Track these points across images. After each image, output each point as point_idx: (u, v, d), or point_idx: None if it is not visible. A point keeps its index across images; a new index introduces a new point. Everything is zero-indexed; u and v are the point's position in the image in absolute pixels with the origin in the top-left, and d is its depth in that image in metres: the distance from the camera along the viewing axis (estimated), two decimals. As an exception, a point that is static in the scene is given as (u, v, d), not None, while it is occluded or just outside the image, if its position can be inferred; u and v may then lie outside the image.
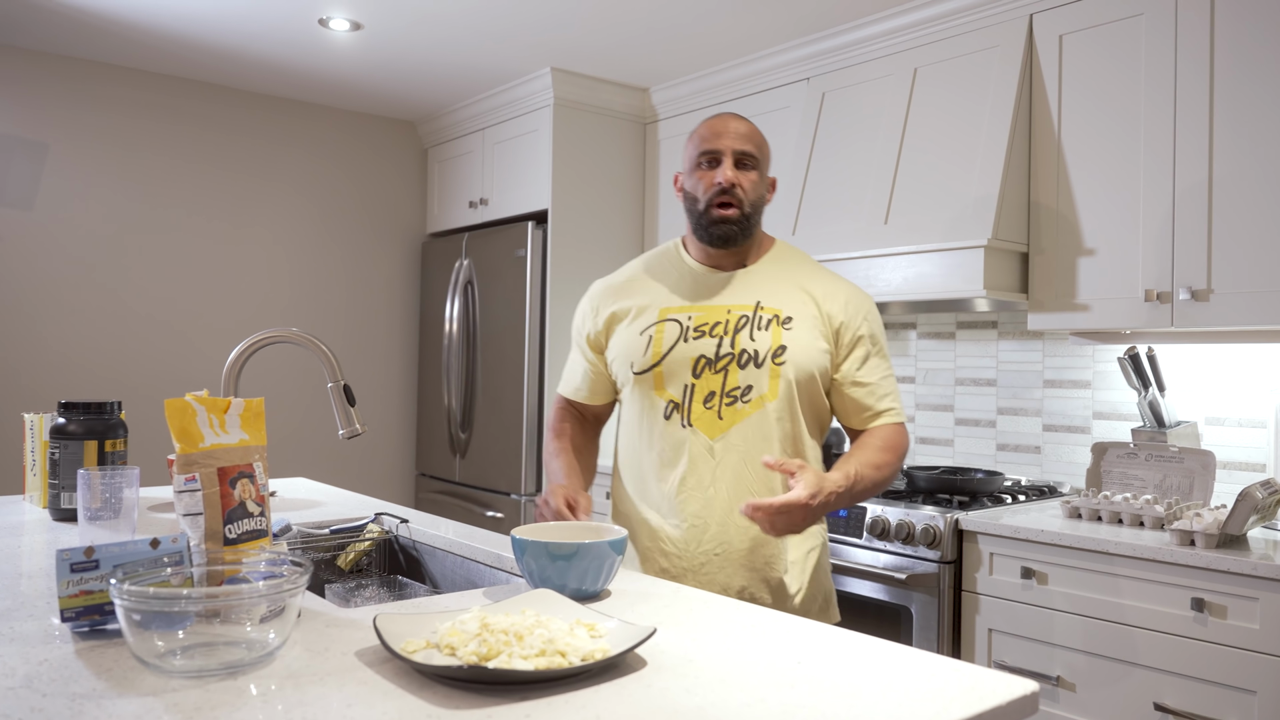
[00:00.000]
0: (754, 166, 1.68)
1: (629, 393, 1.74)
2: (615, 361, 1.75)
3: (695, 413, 1.66)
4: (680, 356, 1.67)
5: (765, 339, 1.64)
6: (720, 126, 1.68)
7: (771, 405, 1.63)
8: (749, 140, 1.67)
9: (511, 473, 3.87)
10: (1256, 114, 2.28)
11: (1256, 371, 2.53)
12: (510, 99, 3.97)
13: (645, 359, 1.69)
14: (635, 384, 1.71)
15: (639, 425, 1.72)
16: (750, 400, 1.63)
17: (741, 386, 1.64)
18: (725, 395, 1.64)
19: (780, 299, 1.68)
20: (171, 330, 3.97)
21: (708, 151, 1.68)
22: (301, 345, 1.89)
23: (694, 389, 1.66)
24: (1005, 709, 0.97)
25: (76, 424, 1.90)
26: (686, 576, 1.65)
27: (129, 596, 0.97)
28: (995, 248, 2.58)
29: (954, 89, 2.84)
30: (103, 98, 3.80)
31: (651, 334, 1.70)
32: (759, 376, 1.63)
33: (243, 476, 1.22)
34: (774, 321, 1.65)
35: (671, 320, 1.69)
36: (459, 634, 1.04)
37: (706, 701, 0.95)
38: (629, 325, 1.73)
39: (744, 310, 1.67)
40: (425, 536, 1.92)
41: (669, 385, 1.68)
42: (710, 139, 1.68)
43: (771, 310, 1.67)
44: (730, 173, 1.65)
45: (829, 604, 1.74)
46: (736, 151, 1.66)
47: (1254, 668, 1.95)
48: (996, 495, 2.65)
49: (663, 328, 1.69)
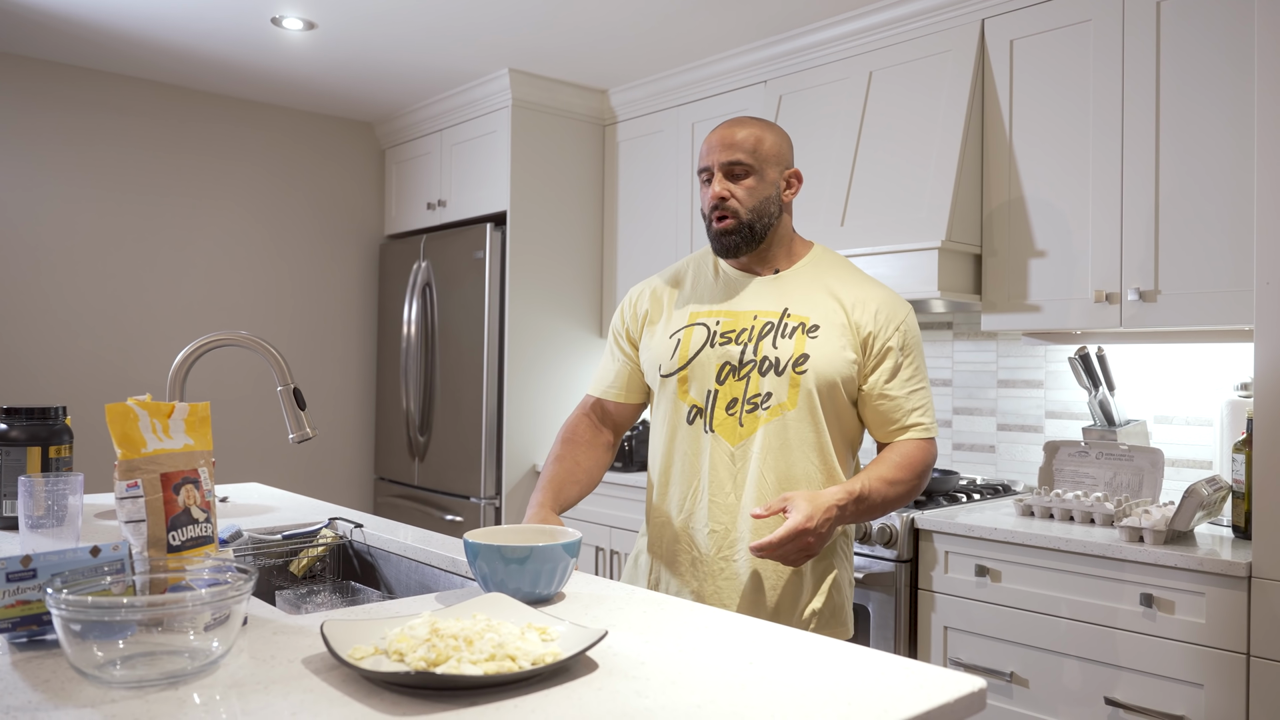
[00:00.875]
0: (748, 173, 1.66)
1: (657, 396, 1.74)
2: (646, 363, 1.76)
3: (718, 419, 1.65)
4: (705, 361, 1.67)
5: (788, 347, 1.63)
6: (713, 139, 1.68)
7: (791, 414, 1.62)
8: (738, 148, 1.66)
9: (471, 476, 3.84)
10: (1201, 118, 2.32)
11: (1204, 371, 2.58)
12: (468, 100, 3.95)
13: (672, 362, 1.70)
14: (662, 387, 1.72)
15: (665, 429, 1.72)
16: (769, 408, 1.62)
17: (762, 394, 1.63)
18: (746, 402, 1.64)
19: (809, 306, 1.67)
20: (121, 334, 3.89)
21: (703, 170, 1.69)
22: (250, 349, 1.86)
23: (717, 395, 1.66)
24: (953, 706, 0.98)
25: (19, 429, 1.85)
26: (708, 581, 1.66)
27: (67, 606, 0.95)
28: (949, 249, 2.61)
29: (909, 92, 2.87)
30: (49, 96, 3.72)
31: (680, 337, 1.70)
32: (779, 384, 1.62)
33: (187, 482, 1.20)
34: (799, 329, 1.64)
35: (700, 324, 1.70)
36: (408, 640, 1.02)
37: (656, 704, 0.95)
38: (661, 327, 1.74)
39: (770, 317, 1.67)
40: (380, 541, 1.90)
41: (693, 390, 1.68)
42: (703, 155, 1.69)
43: (798, 318, 1.65)
44: (718, 186, 1.66)
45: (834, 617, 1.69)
46: (724, 164, 1.66)
47: (1201, 661, 1.99)
48: (952, 494, 2.67)
49: (691, 331, 1.70)
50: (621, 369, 1.81)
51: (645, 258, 3.79)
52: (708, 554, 1.66)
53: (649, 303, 1.79)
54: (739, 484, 1.64)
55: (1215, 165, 2.30)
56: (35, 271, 3.70)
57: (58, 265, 3.75)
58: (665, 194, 3.72)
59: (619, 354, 1.82)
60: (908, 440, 1.66)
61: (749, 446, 1.63)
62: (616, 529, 3.42)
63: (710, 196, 1.66)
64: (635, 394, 1.81)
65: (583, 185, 3.99)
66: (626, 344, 1.81)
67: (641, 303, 1.80)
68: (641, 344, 1.78)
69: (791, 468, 1.62)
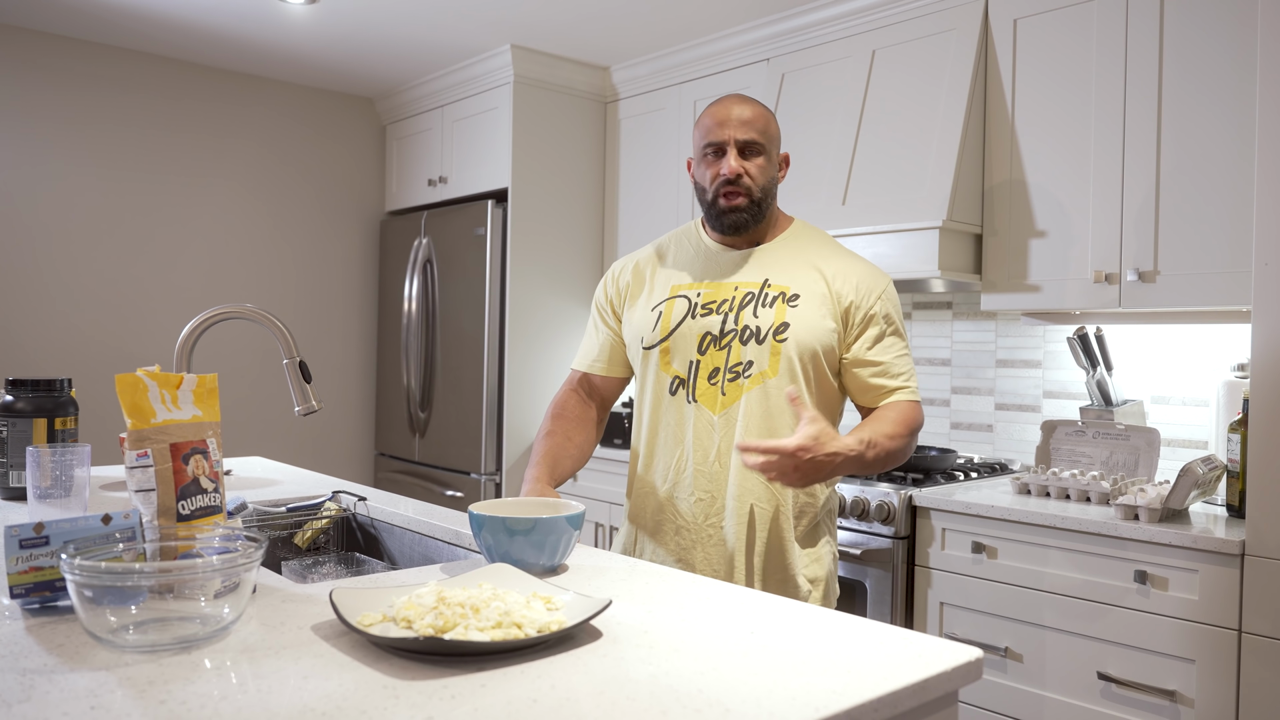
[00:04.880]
0: (760, 152, 1.67)
1: (640, 369, 1.76)
2: (628, 336, 1.78)
3: (700, 389, 1.68)
4: (687, 333, 1.69)
5: (769, 316, 1.65)
6: (723, 115, 1.67)
7: (772, 382, 1.64)
8: (752, 126, 1.66)
9: (471, 452, 3.86)
10: (1202, 99, 2.33)
11: (1201, 352, 2.60)
12: (470, 76, 3.94)
13: (654, 334, 1.72)
14: (645, 359, 1.74)
15: (648, 401, 1.74)
16: (751, 376, 1.65)
17: (743, 362, 1.65)
18: (728, 371, 1.66)
19: (789, 277, 1.68)
20: (124, 307, 3.90)
21: (712, 143, 1.67)
22: (256, 321, 1.87)
23: (699, 365, 1.68)
24: (950, 675, 1.00)
25: (25, 401, 1.86)
26: (695, 549, 1.68)
27: (81, 571, 0.97)
28: (950, 229, 2.61)
29: (911, 71, 2.86)
30: (50, 70, 3.71)
31: (661, 310, 1.72)
32: (760, 353, 1.64)
33: (196, 453, 1.22)
34: (780, 299, 1.66)
35: (681, 297, 1.72)
36: (415, 607, 1.04)
37: (660, 670, 0.97)
38: (643, 300, 1.77)
39: (750, 287, 1.68)
40: (383, 514, 1.92)
41: (675, 361, 1.70)
42: (714, 129, 1.67)
43: (778, 288, 1.67)
44: (735, 163, 1.65)
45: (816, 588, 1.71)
46: (740, 140, 1.65)
47: (1193, 637, 2.01)
48: (949, 472, 2.70)
49: (672, 304, 1.72)
50: (605, 342, 1.83)
51: (646, 235, 3.80)
52: (693, 522, 1.68)
53: (631, 276, 1.81)
54: (722, 452, 1.67)
55: (1215, 147, 2.30)
56: (34, 248, 3.70)
57: (58, 242, 3.75)
58: (666, 172, 3.72)
59: (603, 327, 1.84)
60: (899, 401, 1.66)
61: (732, 415, 1.66)
62: (615, 505, 3.45)
63: (725, 172, 1.65)
64: (619, 367, 1.84)
65: (584, 162, 3.99)
66: (611, 318, 1.83)
67: (624, 276, 1.82)
68: (624, 317, 1.80)
69: (775, 434, 1.64)
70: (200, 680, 0.91)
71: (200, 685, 0.89)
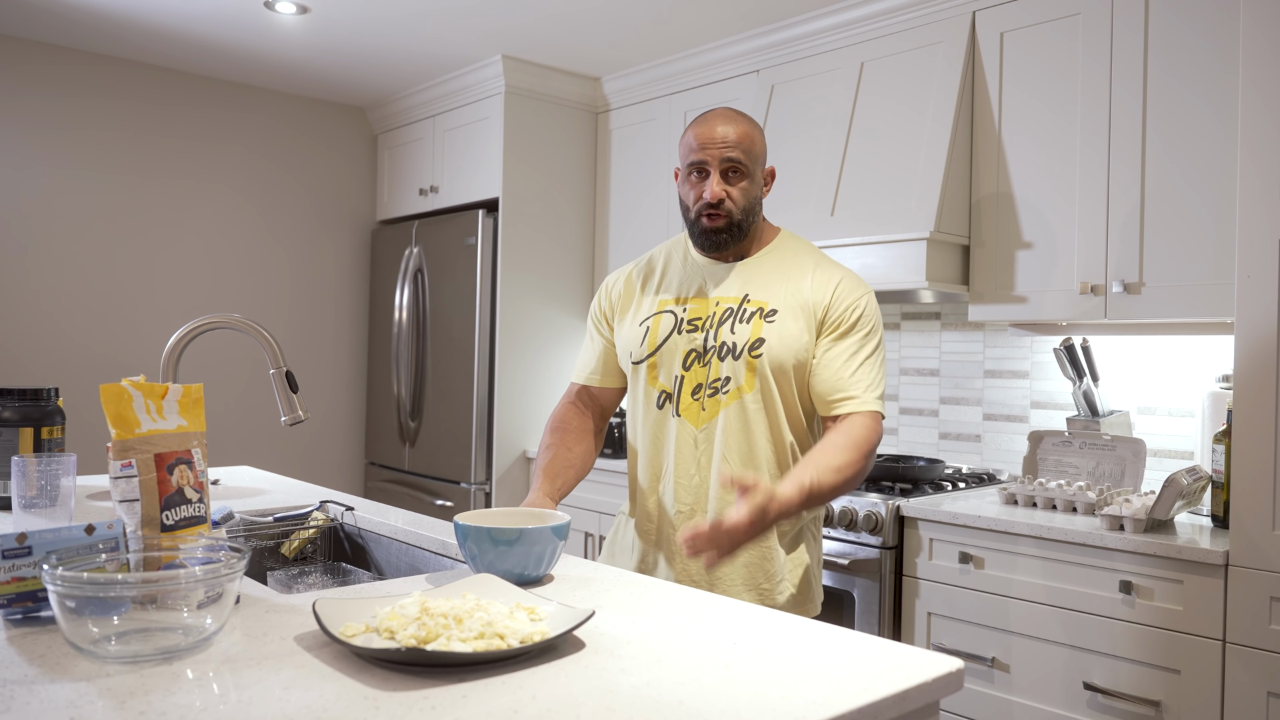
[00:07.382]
0: (745, 174, 1.67)
1: (631, 382, 1.79)
2: (619, 350, 1.81)
3: (684, 403, 1.70)
4: (673, 348, 1.71)
5: (745, 332, 1.67)
6: (707, 135, 1.66)
7: (749, 397, 1.66)
8: (736, 146, 1.65)
9: (461, 461, 3.86)
10: (1187, 113, 2.35)
11: (1186, 363, 2.61)
12: (461, 86, 3.95)
13: (642, 349, 1.74)
14: (634, 374, 1.77)
15: (638, 414, 1.77)
16: (729, 391, 1.67)
17: (721, 378, 1.68)
18: (708, 387, 1.68)
19: (769, 291, 1.69)
20: (113, 315, 3.89)
21: (695, 163, 1.68)
22: (243, 331, 1.87)
23: (683, 380, 1.70)
24: (931, 685, 1.01)
25: (11, 410, 1.86)
26: (676, 561, 1.70)
27: (63, 582, 0.97)
28: (938, 240, 2.63)
29: (900, 83, 2.88)
30: (40, 78, 3.71)
31: (649, 325, 1.75)
32: (737, 369, 1.66)
33: (180, 463, 1.22)
34: (757, 315, 1.68)
35: (668, 312, 1.74)
36: (399, 618, 1.04)
37: (642, 681, 0.97)
38: (631, 314, 1.79)
39: (730, 303, 1.70)
40: (370, 524, 1.92)
41: (662, 376, 1.73)
42: (698, 150, 1.67)
43: (757, 303, 1.69)
44: (717, 187, 1.65)
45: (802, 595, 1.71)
46: (724, 161, 1.65)
47: (1178, 648, 2.02)
48: (937, 482, 2.70)
49: (659, 319, 1.74)
50: (601, 353, 1.85)
51: (636, 246, 3.81)
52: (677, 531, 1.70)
53: (623, 288, 1.84)
54: (703, 466, 1.69)
55: (1200, 160, 2.32)
56: (23, 256, 3.69)
57: (46, 250, 3.74)
58: (657, 182, 3.73)
59: (599, 339, 1.86)
60: (854, 416, 1.61)
61: (712, 429, 1.68)
62: (605, 515, 3.45)
63: (708, 195, 1.66)
64: (615, 377, 1.86)
65: (575, 172, 4.00)
66: (605, 329, 1.85)
67: (616, 288, 1.85)
68: (616, 330, 1.83)
69: (753, 449, 1.66)
70: (181, 691, 0.91)
71: (181, 696, 0.89)
